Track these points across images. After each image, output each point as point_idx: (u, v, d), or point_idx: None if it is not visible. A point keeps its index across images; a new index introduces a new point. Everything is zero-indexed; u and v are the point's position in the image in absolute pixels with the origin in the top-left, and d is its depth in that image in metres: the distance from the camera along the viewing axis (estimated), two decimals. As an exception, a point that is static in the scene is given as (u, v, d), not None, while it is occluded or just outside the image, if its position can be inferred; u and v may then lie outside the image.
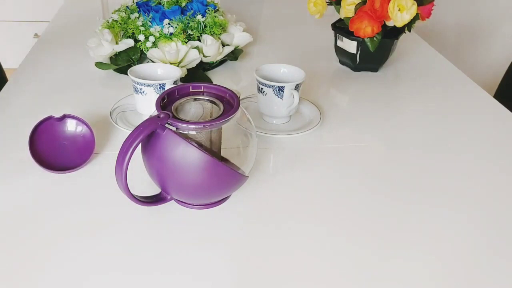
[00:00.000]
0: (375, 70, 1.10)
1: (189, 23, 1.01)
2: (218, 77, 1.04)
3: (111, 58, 1.01)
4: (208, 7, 1.07)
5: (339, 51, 1.09)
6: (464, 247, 0.61)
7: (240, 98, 0.63)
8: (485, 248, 0.61)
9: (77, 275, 0.54)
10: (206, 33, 1.02)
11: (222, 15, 1.10)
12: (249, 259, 0.58)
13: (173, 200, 0.65)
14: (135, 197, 0.60)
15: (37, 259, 0.56)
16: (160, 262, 0.57)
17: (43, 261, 0.56)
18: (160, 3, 1.06)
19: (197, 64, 1.01)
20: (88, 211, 0.64)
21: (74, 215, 0.63)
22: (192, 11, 1.03)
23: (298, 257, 0.58)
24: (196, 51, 0.99)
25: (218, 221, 0.63)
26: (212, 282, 0.54)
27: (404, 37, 1.08)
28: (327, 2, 1.06)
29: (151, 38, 0.98)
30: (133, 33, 1.01)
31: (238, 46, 1.10)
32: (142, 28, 0.99)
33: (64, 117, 0.74)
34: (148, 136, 0.57)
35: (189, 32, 1.01)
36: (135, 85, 0.79)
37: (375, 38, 0.99)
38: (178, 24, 0.99)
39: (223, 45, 1.06)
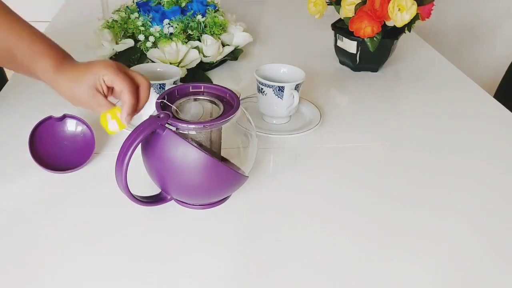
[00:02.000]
0: (375, 70, 1.10)
1: (189, 23, 1.01)
2: (218, 77, 1.04)
3: (111, 58, 1.01)
4: (208, 7, 1.07)
5: (339, 51, 1.09)
6: (465, 247, 0.61)
7: (240, 98, 0.63)
8: (485, 248, 0.61)
9: (77, 275, 0.54)
10: (206, 33, 1.02)
11: (222, 15, 1.10)
12: (249, 259, 0.58)
13: (173, 200, 0.65)
14: (135, 197, 0.60)
15: (37, 258, 0.56)
16: (160, 262, 0.57)
17: (42, 261, 0.56)
18: (160, 3, 1.06)
19: (197, 64, 1.01)
20: (88, 211, 0.64)
21: (74, 215, 0.63)
22: (192, 11, 1.03)
23: (298, 257, 0.58)
24: (196, 51, 0.99)
25: (218, 221, 0.63)
26: (212, 282, 0.54)
27: (404, 37, 1.08)
28: (327, 2, 1.06)
29: (151, 38, 0.98)
30: (133, 33, 1.01)
31: (238, 46, 1.10)
32: (142, 28, 0.99)
33: (64, 117, 0.74)
34: (148, 136, 0.57)
35: (189, 32, 1.01)
36: (135, 85, 0.79)
37: (375, 38, 0.99)
38: (178, 24, 0.99)
39: (223, 45, 1.06)
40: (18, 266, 0.55)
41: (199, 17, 1.02)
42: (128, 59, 1.00)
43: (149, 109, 0.65)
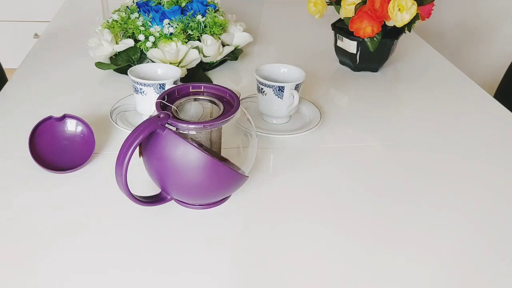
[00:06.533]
0: (375, 70, 1.10)
1: (189, 23, 1.01)
2: (218, 77, 1.04)
3: (111, 58, 1.01)
4: (208, 7, 1.07)
5: (339, 51, 1.09)
6: (464, 246, 0.61)
7: (240, 98, 0.63)
8: (485, 248, 0.61)
9: (77, 275, 0.54)
10: (206, 33, 1.02)
11: (222, 15, 1.10)
12: (249, 258, 0.58)
13: (173, 200, 0.65)
14: (135, 197, 0.60)
15: (37, 259, 0.56)
16: (160, 262, 0.57)
17: (42, 261, 0.56)
18: (160, 3, 1.06)
19: (197, 64, 1.01)
20: (88, 211, 0.64)
21: (74, 215, 0.63)
22: (192, 11, 1.03)
23: (298, 256, 0.58)
24: (196, 51, 0.99)
25: (218, 221, 0.63)
26: (212, 282, 0.54)
27: (404, 37, 1.08)
28: (327, 2, 1.06)
29: (151, 38, 0.98)
30: (133, 33, 1.01)
31: (238, 46, 1.10)
32: (142, 28, 0.99)
33: (64, 117, 0.74)
34: (148, 136, 0.57)
35: (189, 32, 1.01)
36: (135, 85, 0.79)
37: (375, 38, 0.99)
38: (178, 24, 0.99)
39: (223, 45, 1.06)
40: (18, 266, 0.55)
41: (199, 17, 1.02)
42: (128, 59, 1.00)
43: (149, 109, 0.65)
